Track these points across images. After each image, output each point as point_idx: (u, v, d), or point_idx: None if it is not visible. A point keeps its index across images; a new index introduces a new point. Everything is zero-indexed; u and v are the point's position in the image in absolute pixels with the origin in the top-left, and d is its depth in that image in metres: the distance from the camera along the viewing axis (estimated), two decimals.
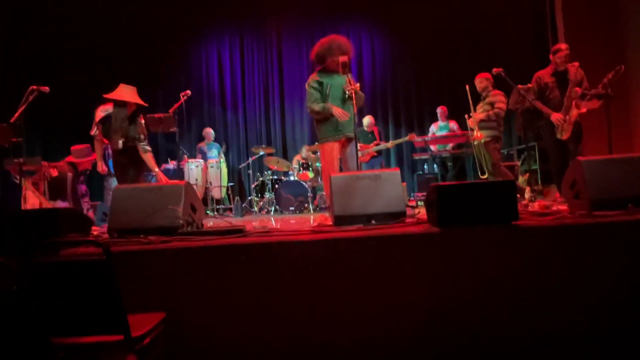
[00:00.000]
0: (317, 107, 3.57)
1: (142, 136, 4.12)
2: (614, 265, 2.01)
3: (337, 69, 3.53)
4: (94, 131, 4.19)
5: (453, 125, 6.72)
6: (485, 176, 4.73)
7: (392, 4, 8.13)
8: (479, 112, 4.85)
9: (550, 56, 4.33)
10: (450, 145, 6.43)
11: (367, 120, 6.90)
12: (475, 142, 4.86)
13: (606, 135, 3.67)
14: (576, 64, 4.15)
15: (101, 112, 4.10)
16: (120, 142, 4.04)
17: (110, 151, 6.49)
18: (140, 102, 4.16)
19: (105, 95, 4.12)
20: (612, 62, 4.17)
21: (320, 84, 3.62)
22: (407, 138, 6.45)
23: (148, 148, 4.17)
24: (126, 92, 4.11)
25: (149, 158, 4.15)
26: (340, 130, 3.59)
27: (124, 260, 2.01)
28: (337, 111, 3.51)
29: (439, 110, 6.84)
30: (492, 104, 4.80)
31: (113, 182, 6.36)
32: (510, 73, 4.24)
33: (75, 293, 1.41)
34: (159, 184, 3.43)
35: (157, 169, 4.28)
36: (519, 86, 4.05)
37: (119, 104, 4.07)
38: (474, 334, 2.02)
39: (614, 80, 3.74)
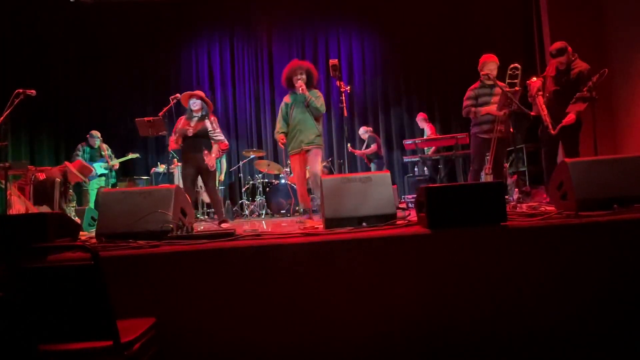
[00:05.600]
0: (275, 132, 4.21)
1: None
2: (600, 264, 2.05)
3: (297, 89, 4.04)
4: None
5: (428, 129, 6.88)
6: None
7: (382, 6, 8.19)
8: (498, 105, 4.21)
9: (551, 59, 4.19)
10: (432, 149, 6.62)
11: (361, 130, 7.32)
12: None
13: (591, 136, 3.72)
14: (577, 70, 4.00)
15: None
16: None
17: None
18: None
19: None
20: (597, 65, 4.22)
21: (287, 105, 4.14)
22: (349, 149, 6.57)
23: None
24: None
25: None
26: (296, 142, 4.02)
27: (113, 265, 1.98)
28: (281, 140, 4.09)
29: (418, 117, 7.09)
30: (509, 98, 4.06)
31: (90, 185, 6.30)
32: (497, 75, 4.29)
33: (64, 298, 1.39)
34: (149, 187, 3.41)
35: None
36: (507, 89, 4.08)
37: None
38: (464, 334, 2.04)
39: (598, 83, 3.79)
